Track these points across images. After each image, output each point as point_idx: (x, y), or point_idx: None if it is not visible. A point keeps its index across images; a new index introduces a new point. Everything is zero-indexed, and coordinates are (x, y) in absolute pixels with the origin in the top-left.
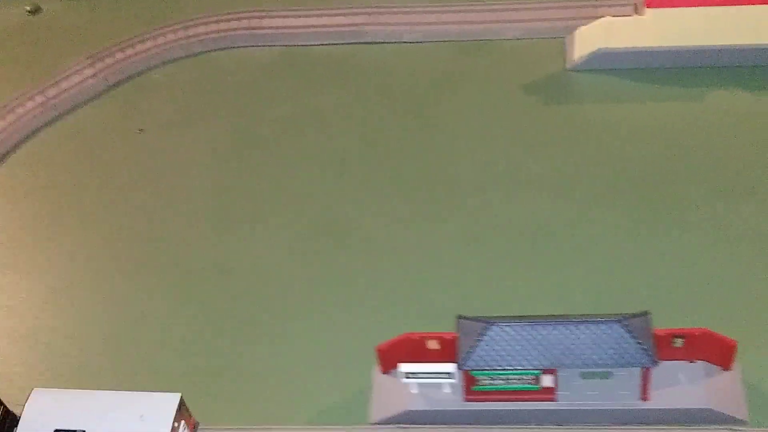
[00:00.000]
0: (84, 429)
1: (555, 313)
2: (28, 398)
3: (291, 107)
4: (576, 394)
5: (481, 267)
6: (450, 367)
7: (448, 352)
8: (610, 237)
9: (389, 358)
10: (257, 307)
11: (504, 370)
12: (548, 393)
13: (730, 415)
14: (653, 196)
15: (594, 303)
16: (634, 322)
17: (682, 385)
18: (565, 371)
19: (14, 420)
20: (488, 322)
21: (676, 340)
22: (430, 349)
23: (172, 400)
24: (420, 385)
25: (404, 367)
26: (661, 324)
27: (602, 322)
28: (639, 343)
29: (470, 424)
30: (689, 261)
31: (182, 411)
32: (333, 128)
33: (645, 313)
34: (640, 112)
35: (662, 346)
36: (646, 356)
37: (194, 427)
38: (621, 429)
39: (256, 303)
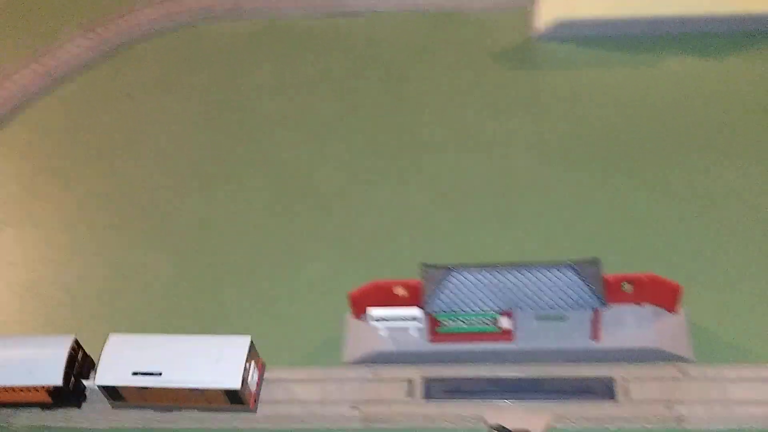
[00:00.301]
0: (161, 371)
1: (514, 261)
2: (105, 343)
3: (271, 76)
4: (532, 336)
5: (447, 220)
6: (415, 310)
7: (413, 297)
8: (566, 192)
9: (360, 303)
10: (237, 258)
11: (464, 312)
12: (506, 334)
13: (677, 353)
14: (608, 155)
15: (550, 251)
16: (586, 268)
17: (632, 327)
18: (522, 314)
19: (91, 363)
20: (450, 269)
21: (625, 284)
22: (397, 295)
23: (243, 342)
24: (388, 328)
25: (374, 312)
26: (612, 270)
27: (555, 268)
28: (589, 287)
29: (435, 363)
30: (639, 213)
31: (252, 352)
32: (311, 95)
33: (595, 260)
34: (599, 78)
35: (612, 291)
36: (596, 299)
37: (262, 367)
38: (574, 367)
39: (235, 255)
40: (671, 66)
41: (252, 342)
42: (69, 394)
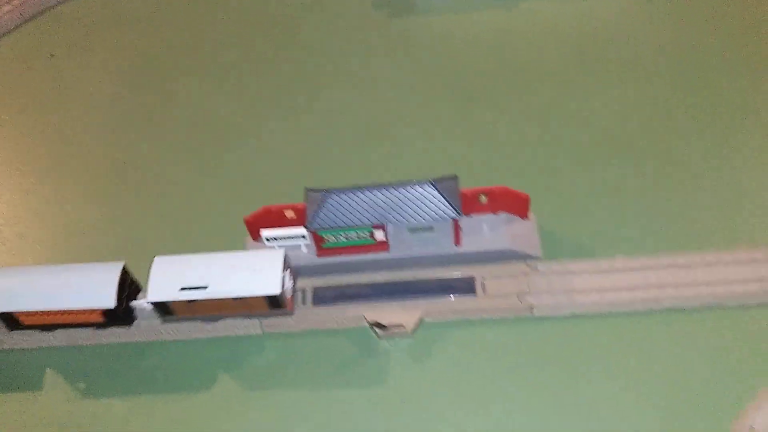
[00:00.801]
0: (206, 285)
1: (383, 181)
2: (151, 265)
3: (179, 31)
4: (405, 245)
5: (333, 149)
6: (302, 230)
7: (301, 219)
8: (434, 120)
9: (255, 226)
10: (153, 194)
11: (342, 228)
12: (382, 246)
13: (528, 253)
14: (472, 87)
15: (421, 172)
16: (444, 184)
17: (489, 232)
18: (396, 227)
19: (138, 287)
20: (327, 191)
21: (481, 196)
22: (287, 218)
23: (278, 255)
24: (282, 246)
25: (266, 233)
26: (472, 185)
27: (418, 185)
28: (447, 200)
29: (323, 274)
30: (495, 136)
31: (286, 263)
32: (216, 46)
33: (454, 176)
34: (467, 20)
35: (470, 203)
36: (453, 210)
37: (295, 275)
38: (441, 270)
39: (151, 191)
40: (529, 6)
41: (286, 253)
42: (121, 314)
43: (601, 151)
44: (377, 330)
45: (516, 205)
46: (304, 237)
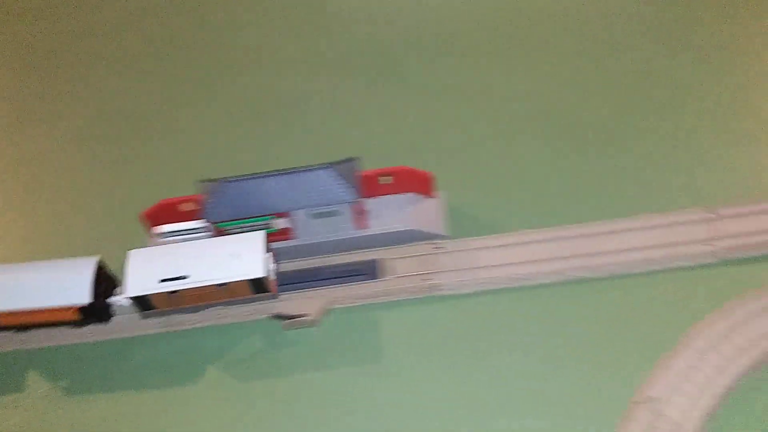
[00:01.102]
0: (188, 274)
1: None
2: (126, 259)
3: (81, 21)
4: (309, 232)
5: (242, 135)
6: (200, 223)
7: (201, 211)
8: (342, 99)
9: (154, 222)
10: (56, 192)
11: (241, 219)
12: (285, 233)
13: (434, 232)
14: (377, 62)
15: (326, 156)
16: (341, 167)
17: (393, 214)
18: (300, 213)
19: (115, 282)
20: (223, 180)
21: (382, 178)
22: (186, 211)
23: (258, 236)
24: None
25: (160, 228)
26: (374, 167)
27: (312, 170)
28: (346, 183)
29: None
30: (399, 112)
31: (266, 245)
32: (119, 35)
33: (352, 159)
34: None
35: (372, 185)
36: (351, 193)
37: (276, 257)
38: (347, 255)
39: (54, 188)
40: None
41: (266, 234)
42: (98, 310)
43: (510, 125)
44: (280, 321)
45: (420, 184)
46: (200, 230)
